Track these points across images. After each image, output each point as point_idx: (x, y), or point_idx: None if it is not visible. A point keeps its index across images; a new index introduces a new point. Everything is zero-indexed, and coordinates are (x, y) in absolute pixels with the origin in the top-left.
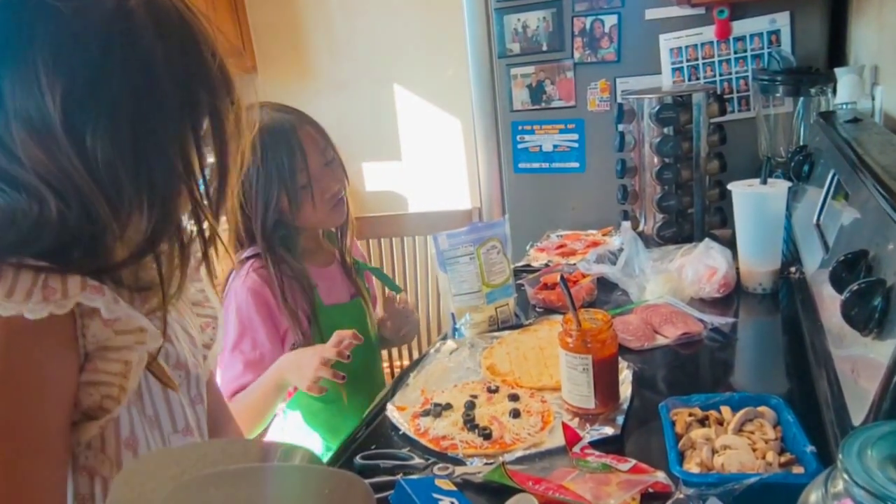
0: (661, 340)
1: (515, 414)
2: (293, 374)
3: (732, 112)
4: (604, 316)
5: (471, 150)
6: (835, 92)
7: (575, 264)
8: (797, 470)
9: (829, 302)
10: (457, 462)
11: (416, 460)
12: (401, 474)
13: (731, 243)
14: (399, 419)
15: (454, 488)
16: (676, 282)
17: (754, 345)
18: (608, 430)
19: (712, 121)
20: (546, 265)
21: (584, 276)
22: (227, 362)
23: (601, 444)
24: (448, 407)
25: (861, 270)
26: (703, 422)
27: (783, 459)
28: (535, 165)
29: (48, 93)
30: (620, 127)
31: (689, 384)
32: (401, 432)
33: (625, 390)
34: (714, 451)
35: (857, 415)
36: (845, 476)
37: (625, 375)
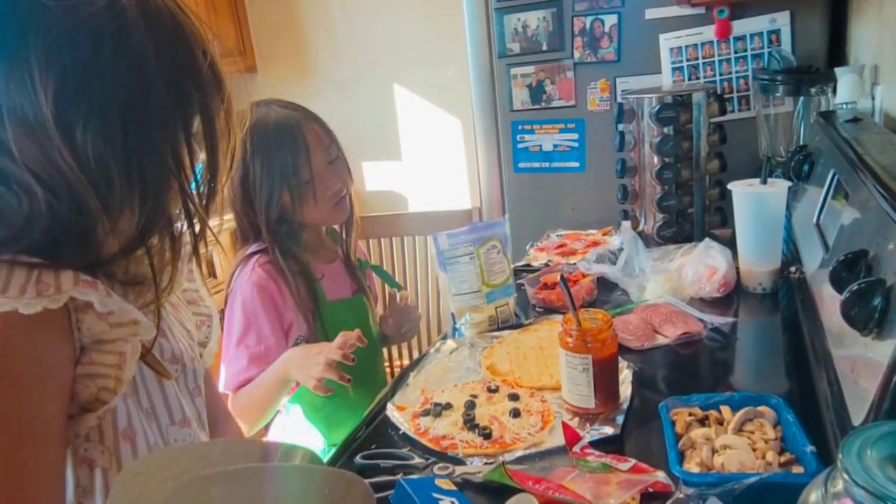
0: (661, 340)
1: (515, 413)
2: (299, 373)
3: (732, 112)
4: (604, 316)
5: (471, 149)
6: (835, 91)
7: (575, 264)
8: (797, 470)
9: (829, 302)
10: (457, 462)
11: (416, 460)
12: (401, 474)
13: (731, 243)
14: (399, 419)
15: (454, 488)
16: (676, 281)
17: (754, 345)
18: (608, 430)
19: (712, 120)
20: (546, 265)
21: (584, 275)
22: (231, 356)
23: (601, 444)
24: (448, 406)
25: (861, 270)
26: (703, 421)
27: (783, 459)
28: (535, 165)
29: (41, 89)
30: (620, 126)
31: (689, 384)
32: (401, 432)
33: (625, 390)
34: (714, 451)
35: (857, 415)
36: (845, 476)
37: (625, 375)
